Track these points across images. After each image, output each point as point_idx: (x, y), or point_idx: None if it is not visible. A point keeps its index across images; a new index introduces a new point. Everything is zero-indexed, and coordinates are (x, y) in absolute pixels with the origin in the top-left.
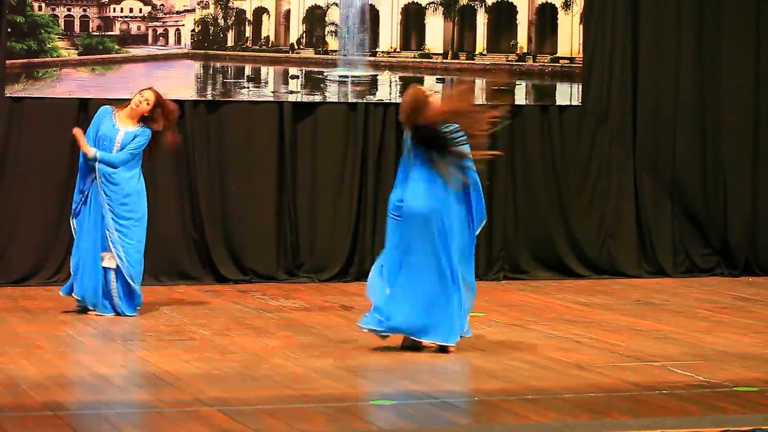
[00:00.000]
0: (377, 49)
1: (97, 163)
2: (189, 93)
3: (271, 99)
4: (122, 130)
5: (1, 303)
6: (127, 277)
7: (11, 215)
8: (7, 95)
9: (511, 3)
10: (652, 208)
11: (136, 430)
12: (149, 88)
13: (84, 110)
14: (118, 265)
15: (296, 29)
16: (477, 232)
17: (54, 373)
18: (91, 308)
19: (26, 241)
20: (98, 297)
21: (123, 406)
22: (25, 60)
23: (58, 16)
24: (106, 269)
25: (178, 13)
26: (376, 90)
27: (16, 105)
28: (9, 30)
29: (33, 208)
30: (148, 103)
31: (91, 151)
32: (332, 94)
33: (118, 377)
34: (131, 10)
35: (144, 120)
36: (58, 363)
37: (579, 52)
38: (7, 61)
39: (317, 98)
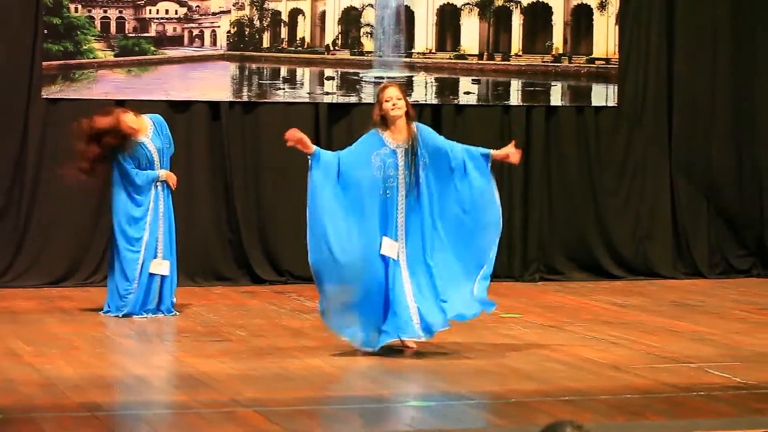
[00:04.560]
0: (412, 50)
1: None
2: (225, 94)
3: (307, 100)
4: (146, 139)
5: (38, 304)
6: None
7: (48, 216)
8: (44, 97)
9: (547, 4)
10: (687, 209)
11: (172, 430)
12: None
13: None
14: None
15: (332, 30)
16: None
17: (91, 373)
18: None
19: (63, 242)
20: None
21: (160, 407)
22: (62, 61)
23: (94, 18)
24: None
25: (213, 14)
26: (412, 91)
27: (53, 106)
28: (45, 31)
29: (69, 209)
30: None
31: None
32: (368, 95)
33: (154, 378)
34: (167, 11)
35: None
36: (95, 364)
37: (614, 53)
38: (44, 63)
39: (353, 99)
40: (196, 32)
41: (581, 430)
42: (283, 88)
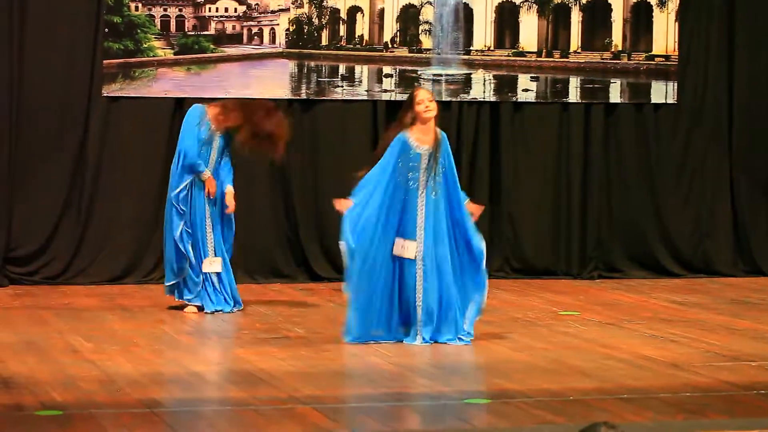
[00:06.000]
0: (471, 48)
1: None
2: (283, 92)
3: (365, 98)
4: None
5: (98, 301)
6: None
7: (108, 214)
8: (105, 95)
9: (606, 1)
10: (748, 206)
11: (231, 427)
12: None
13: (179, 109)
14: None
15: (390, 28)
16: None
17: (150, 370)
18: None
19: (123, 239)
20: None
21: (218, 404)
22: (122, 60)
23: (154, 16)
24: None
25: (272, 12)
26: (470, 89)
27: (113, 104)
28: (106, 30)
29: (129, 206)
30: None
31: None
32: None
33: (213, 375)
34: (226, 9)
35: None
36: (155, 360)
37: (674, 50)
38: (105, 61)
39: None
40: (255, 30)
41: (615, 429)
42: (342, 86)
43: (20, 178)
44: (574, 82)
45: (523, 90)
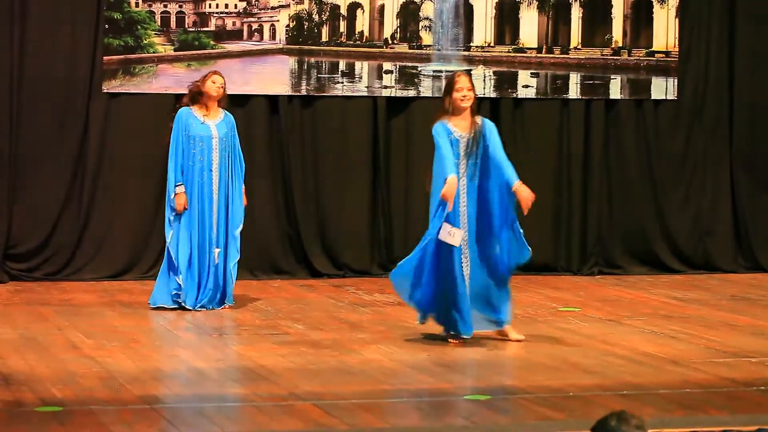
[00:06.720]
0: (471, 44)
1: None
2: (283, 88)
3: (365, 94)
4: (212, 123)
5: (98, 297)
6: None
7: (108, 210)
8: (105, 91)
9: None
10: (748, 203)
11: (231, 423)
12: (217, 73)
13: None
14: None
15: (390, 24)
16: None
17: (150, 366)
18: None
19: (123, 235)
20: None
21: (219, 400)
22: (122, 56)
23: (154, 12)
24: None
25: (272, 8)
26: None
27: (114, 101)
28: (106, 26)
29: (129, 202)
30: (222, 87)
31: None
32: (426, 89)
33: (213, 371)
34: (227, 5)
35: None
36: (155, 357)
37: (674, 46)
38: (105, 58)
39: (411, 93)
40: (255, 26)
41: (627, 423)
42: (342, 82)
43: (20, 174)
44: (575, 79)
45: (523, 86)
